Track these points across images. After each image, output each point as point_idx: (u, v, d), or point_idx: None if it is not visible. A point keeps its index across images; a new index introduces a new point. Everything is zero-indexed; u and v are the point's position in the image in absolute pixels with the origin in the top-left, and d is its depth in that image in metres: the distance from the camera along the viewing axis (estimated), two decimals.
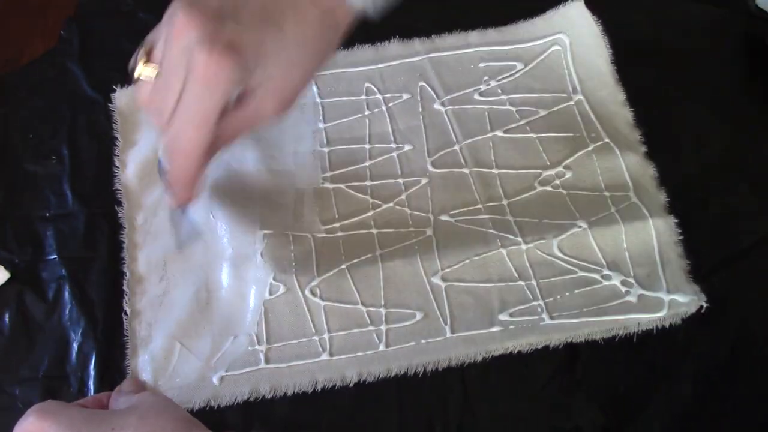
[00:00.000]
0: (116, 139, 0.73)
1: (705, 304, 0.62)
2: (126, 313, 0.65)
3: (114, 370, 0.64)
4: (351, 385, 0.62)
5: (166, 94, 0.52)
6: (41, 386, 0.63)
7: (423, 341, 0.63)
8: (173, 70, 0.51)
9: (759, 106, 0.75)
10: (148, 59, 0.54)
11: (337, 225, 0.68)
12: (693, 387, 0.62)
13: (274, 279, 0.64)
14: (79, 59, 0.78)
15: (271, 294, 0.64)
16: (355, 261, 0.66)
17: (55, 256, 0.68)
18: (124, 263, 0.67)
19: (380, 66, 0.76)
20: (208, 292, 0.66)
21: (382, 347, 0.63)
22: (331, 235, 0.68)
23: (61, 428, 0.50)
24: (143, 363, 0.63)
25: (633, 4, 0.79)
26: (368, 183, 0.70)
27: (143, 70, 0.54)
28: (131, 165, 0.72)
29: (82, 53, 0.78)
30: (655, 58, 0.76)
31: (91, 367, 0.64)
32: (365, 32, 0.78)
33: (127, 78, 0.54)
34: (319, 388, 0.61)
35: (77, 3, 0.82)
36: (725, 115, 0.74)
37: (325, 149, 0.72)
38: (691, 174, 0.70)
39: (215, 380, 0.62)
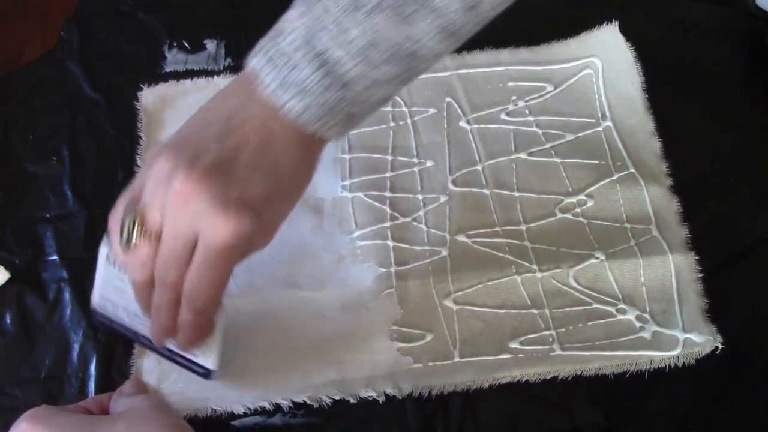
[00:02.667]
0: (139, 137, 0.77)
1: (721, 345, 0.64)
2: None
3: (114, 371, 0.66)
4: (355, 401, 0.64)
5: (172, 256, 0.53)
6: (42, 387, 0.66)
7: (430, 363, 0.65)
8: (182, 237, 0.52)
9: (759, 106, 0.77)
10: (142, 225, 0.54)
11: (355, 234, 0.71)
12: (693, 387, 0.64)
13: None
14: (78, 60, 0.82)
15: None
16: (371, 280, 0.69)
17: (56, 257, 0.71)
18: None
19: None
20: None
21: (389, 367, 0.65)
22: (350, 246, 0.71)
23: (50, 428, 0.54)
24: (149, 365, 0.66)
25: (633, 4, 0.82)
26: (387, 194, 0.73)
27: (140, 238, 0.54)
28: None
29: (81, 54, 0.82)
30: (654, 57, 0.78)
31: (92, 368, 0.66)
32: None
33: (115, 237, 0.55)
34: (324, 404, 0.64)
35: (77, 3, 0.86)
36: (725, 115, 0.76)
37: (347, 156, 0.76)
38: (691, 173, 0.73)
39: (218, 387, 0.64)
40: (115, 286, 0.60)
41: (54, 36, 0.83)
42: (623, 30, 0.79)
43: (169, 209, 0.52)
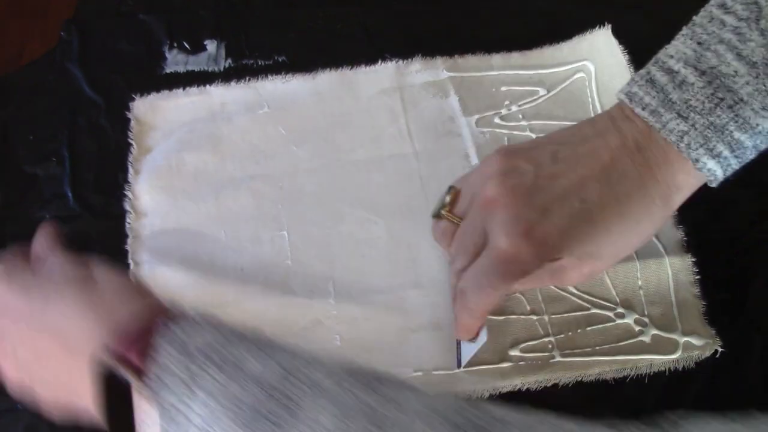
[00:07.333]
0: (131, 145, 0.76)
1: (720, 349, 0.64)
2: None
3: None
4: None
5: (462, 246, 0.58)
6: None
7: (433, 372, 0.64)
8: (472, 234, 0.56)
9: None
10: (453, 205, 0.60)
11: None
12: (695, 388, 0.63)
13: None
14: (78, 61, 0.81)
15: None
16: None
17: None
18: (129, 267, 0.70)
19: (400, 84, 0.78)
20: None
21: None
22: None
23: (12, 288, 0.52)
24: None
25: (632, 4, 0.81)
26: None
27: (447, 216, 0.60)
28: (144, 174, 0.74)
29: (81, 55, 0.81)
30: (650, 57, 0.77)
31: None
32: (388, 49, 0.80)
33: None
34: None
35: (77, 4, 0.85)
36: None
37: None
38: None
39: None
40: None
41: (54, 36, 0.83)
42: (620, 30, 0.78)
43: (474, 205, 0.57)
